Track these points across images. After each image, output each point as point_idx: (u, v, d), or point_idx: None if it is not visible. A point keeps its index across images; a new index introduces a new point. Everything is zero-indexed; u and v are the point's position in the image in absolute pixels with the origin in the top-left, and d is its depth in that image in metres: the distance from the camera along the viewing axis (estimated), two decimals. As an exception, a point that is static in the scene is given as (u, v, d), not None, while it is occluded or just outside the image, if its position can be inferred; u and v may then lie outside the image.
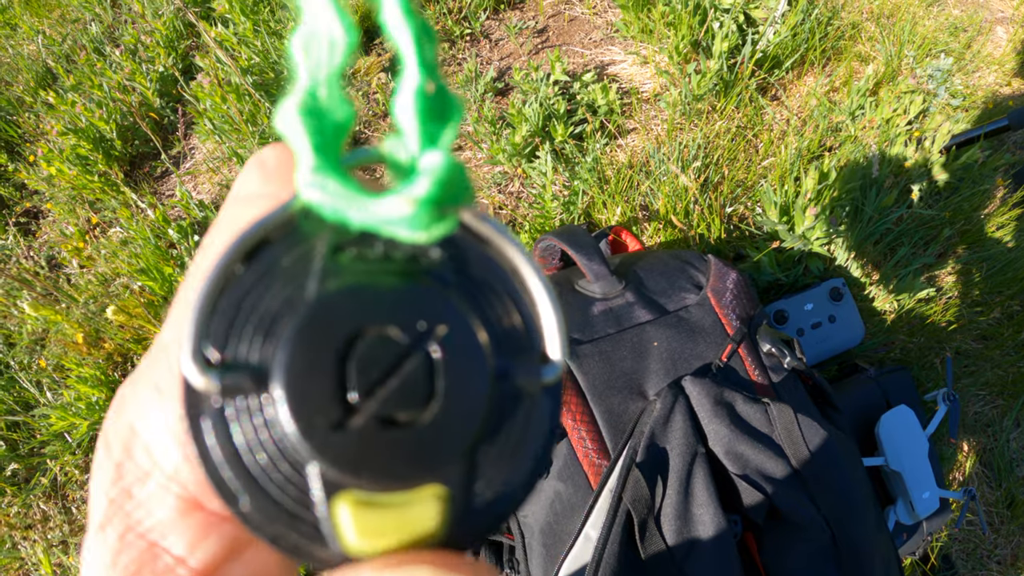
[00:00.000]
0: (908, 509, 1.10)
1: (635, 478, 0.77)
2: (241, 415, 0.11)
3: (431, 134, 0.11)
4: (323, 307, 0.11)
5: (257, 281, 0.11)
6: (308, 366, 0.10)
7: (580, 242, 0.96)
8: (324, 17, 0.11)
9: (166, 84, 1.77)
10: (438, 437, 0.11)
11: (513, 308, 0.12)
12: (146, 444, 0.14)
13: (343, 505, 0.11)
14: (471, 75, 1.55)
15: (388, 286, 0.11)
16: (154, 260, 1.44)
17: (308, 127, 0.11)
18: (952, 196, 1.41)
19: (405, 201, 0.11)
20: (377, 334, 0.11)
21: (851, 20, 1.60)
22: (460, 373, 0.11)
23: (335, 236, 0.11)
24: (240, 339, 0.11)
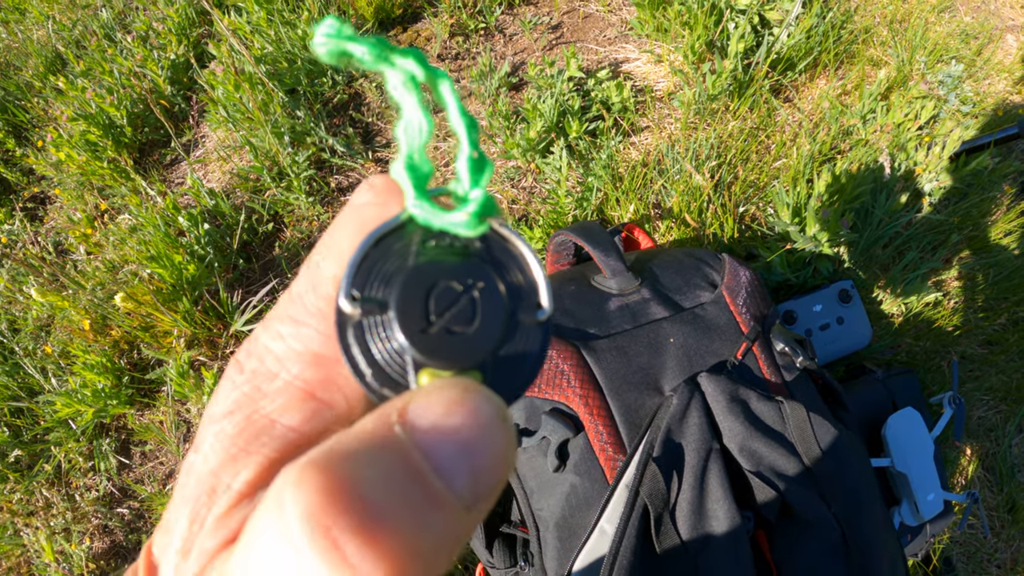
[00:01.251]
0: (912, 510, 1.11)
1: (652, 472, 0.78)
2: (370, 327, 0.19)
3: (475, 179, 0.20)
4: (418, 270, 0.19)
5: (381, 256, 0.19)
6: (409, 300, 0.19)
7: (597, 238, 0.97)
8: (415, 113, 0.19)
9: (177, 71, 1.77)
10: (477, 342, 0.19)
11: (520, 275, 0.20)
12: (277, 356, 0.20)
13: (424, 376, 0.18)
14: (485, 69, 1.55)
15: (452, 261, 0.19)
16: (163, 248, 1.43)
17: (410, 175, 0.19)
18: (961, 202, 1.42)
19: (463, 215, 0.19)
20: (446, 285, 0.19)
21: (864, 24, 1.61)
22: (489, 309, 0.19)
23: (424, 233, 0.20)
24: (372, 286, 0.19)
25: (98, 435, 1.49)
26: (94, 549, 1.41)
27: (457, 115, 0.19)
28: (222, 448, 0.19)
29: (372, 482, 0.15)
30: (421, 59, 0.19)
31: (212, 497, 0.19)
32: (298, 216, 1.57)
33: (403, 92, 0.19)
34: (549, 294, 0.20)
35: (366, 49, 0.18)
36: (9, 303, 1.62)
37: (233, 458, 0.19)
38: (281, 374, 0.20)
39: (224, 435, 0.19)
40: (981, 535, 1.33)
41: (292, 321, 0.20)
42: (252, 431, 0.19)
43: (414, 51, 0.19)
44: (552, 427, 0.81)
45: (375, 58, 0.19)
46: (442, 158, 1.58)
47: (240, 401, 0.20)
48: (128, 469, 1.47)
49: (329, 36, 0.18)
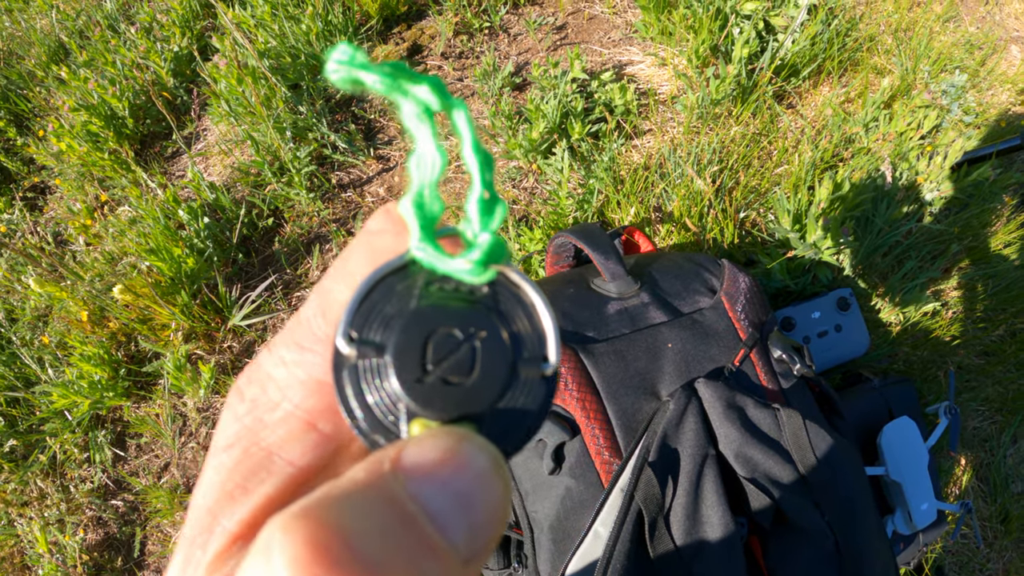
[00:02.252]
0: (906, 519, 1.11)
1: (647, 477, 0.78)
2: (366, 370, 0.18)
3: (485, 222, 0.19)
4: (418, 314, 0.18)
5: (383, 297, 0.19)
6: (407, 346, 0.18)
7: (597, 241, 0.97)
8: (429, 147, 0.18)
9: (180, 64, 1.76)
10: (474, 395, 0.18)
11: (529, 325, 0.19)
12: (279, 384, 0.20)
13: (416, 426, 0.18)
14: (489, 68, 1.54)
15: (455, 306, 0.19)
16: (163, 240, 1.43)
17: (417, 214, 0.18)
18: (961, 212, 1.42)
19: (466, 262, 0.19)
20: (446, 332, 0.18)
21: (869, 32, 1.61)
22: (490, 360, 0.18)
23: (428, 276, 0.19)
24: (371, 327, 0.18)
25: (94, 427, 1.49)
26: (88, 540, 1.41)
27: (471, 150, 0.19)
28: (219, 484, 0.19)
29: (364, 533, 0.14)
30: (438, 87, 0.18)
31: (207, 537, 0.18)
32: (298, 212, 1.57)
33: (417, 124, 0.18)
34: (557, 347, 0.19)
35: (379, 78, 0.18)
36: (7, 293, 1.62)
37: (229, 495, 0.19)
38: (283, 404, 0.19)
39: (222, 470, 0.19)
40: (974, 545, 1.33)
41: (297, 347, 0.20)
42: (250, 466, 0.19)
43: (431, 79, 0.18)
44: (548, 430, 0.81)
45: (389, 87, 0.18)
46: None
47: (240, 433, 0.19)
48: (123, 461, 1.47)
49: (342, 63, 0.18)
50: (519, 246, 1.34)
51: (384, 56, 1.66)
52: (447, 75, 1.68)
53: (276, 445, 0.19)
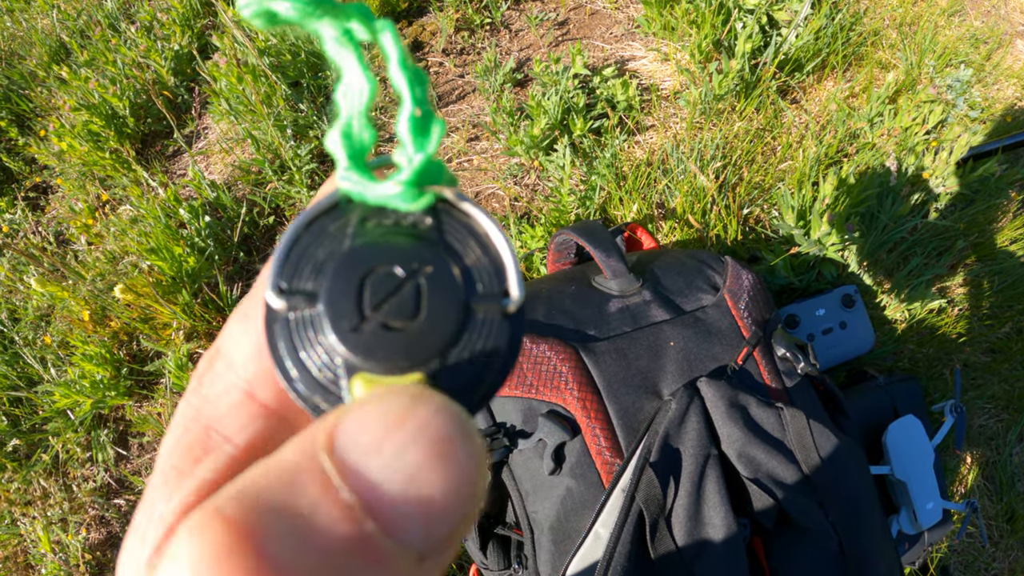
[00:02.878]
0: (911, 519, 1.10)
1: (648, 478, 0.77)
2: (299, 323, 0.16)
3: (419, 142, 0.17)
4: (352, 255, 0.16)
5: (313, 240, 0.17)
6: (340, 291, 0.16)
7: (598, 238, 0.96)
8: (356, 75, 0.17)
9: (181, 63, 1.76)
10: (421, 340, 0.16)
11: (483, 258, 0.17)
12: (226, 356, 0.18)
13: (357, 382, 0.16)
14: (490, 65, 1.53)
15: (394, 242, 0.16)
16: (164, 239, 1.43)
17: (344, 144, 0.17)
18: (967, 208, 1.41)
19: (395, 184, 0.17)
20: (385, 271, 0.16)
21: (873, 27, 1.59)
22: (438, 299, 0.16)
23: (362, 211, 0.17)
24: (302, 276, 0.16)
25: (96, 426, 1.49)
26: (90, 540, 1.41)
27: (398, 67, 0.17)
28: (161, 468, 0.17)
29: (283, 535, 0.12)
30: (363, 13, 0.17)
31: (147, 527, 0.16)
32: (300, 210, 1.57)
33: (340, 50, 0.17)
34: (519, 279, 0.17)
35: (291, 5, 0.16)
36: (10, 292, 1.62)
37: (167, 480, 0.17)
38: (227, 375, 0.18)
39: (165, 451, 0.17)
40: (979, 544, 1.32)
41: (242, 317, 0.18)
42: (187, 444, 0.17)
43: (357, 5, 0.17)
44: (549, 430, 0.80)
45: (302, 12, 0.16)
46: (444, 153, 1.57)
47: (185, 412, 0.18)
48: (126, 460, 1.47)
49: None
50: (521, 243, 1.33)
51: (384, 53, 1.66)
52: (448, 71, 1.67)
53: (215, 420, 0.17)
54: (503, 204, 1.48)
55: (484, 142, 1.56)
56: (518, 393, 0.83)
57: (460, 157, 1.55)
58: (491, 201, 1.50)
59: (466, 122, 1.58)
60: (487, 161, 1.53)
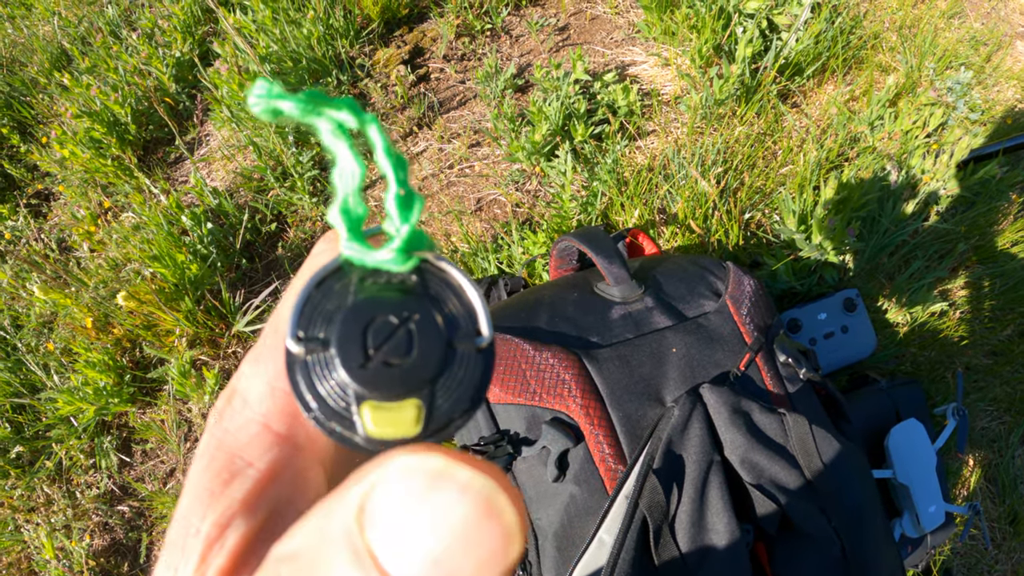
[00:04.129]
0: (914, 522, 1.10)
1: (652, 484, 0.77)
2: (314, 364, 0.20)
3: (404, 215, 0.20)
4: (356, 307, 0.20)
5: (323, 297, 0.20)
6: (348, 337, 0.19)
7: (600, 245, 0.96)
8: (347, 160, 0.20)
9: (182, 69, 1.76)
10: (415, 373, 0.19)
11: (459, 305, 0.21)
12: (242, 395, 0.21)
13: (365, 408, 0.19)
14: (491, 70, 1.54)
15: (389, 296, 0.20)
16: (166, 247, 1.43)
17: (344, 219, 0.20)
18: (968, 211, 1.41)
19: (389, 252, 0.20)
20: (383, 319, 0.20)
21: (873, 30, 1.59)
22: (426, 340, 0.20)
23: (361, 272, 0.21)
24: (315, 325, 0.20)
25: (99, 433, 1.49)
26: (94, 546, 1.42)
27: (383, 155, 0.20)
28: (193, 491, 0.20)
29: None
30: (353, 107, 0.20)
31: (185, 542, 0.19)
32: (302, 216, 1.57)
33: (334, 141, 0.20)
34: (488, 321, 0.21)
35: (294, 105, 0.19)
36: (12, 299, 1.62)
37: (200, 501, 0.20)
38: (244, 411, 0.21)
39: (195, 476, 0.20)
40: (982, 547, 1.32)
41: (254, 361, 0.22)
42: (216, 470, 0.20)
43: (346, 100, 0.20)
44: (552, 437, 0.81)
45: (304, 112, 0.19)
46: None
47: (210, 443, 0.21)
48: (129, 467, 1.47)
49: (260, 96, 0.19)
50: (523, 249, 1.34)
51: (386, 59, 1.66)
52: (449, 77, 1.67)
53: (238, 449, 0.21)
54: (505, 210, 1.48)
55: (485, 148, 1.56)
56: (522, 400, 0.83)
57: (462, 163, 1.56)
58: (493, 207, 1.50)
59: (467, 128, 1.59)
60: (489, 167, 1.53)
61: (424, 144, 1.60)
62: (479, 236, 1.45)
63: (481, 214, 1.49)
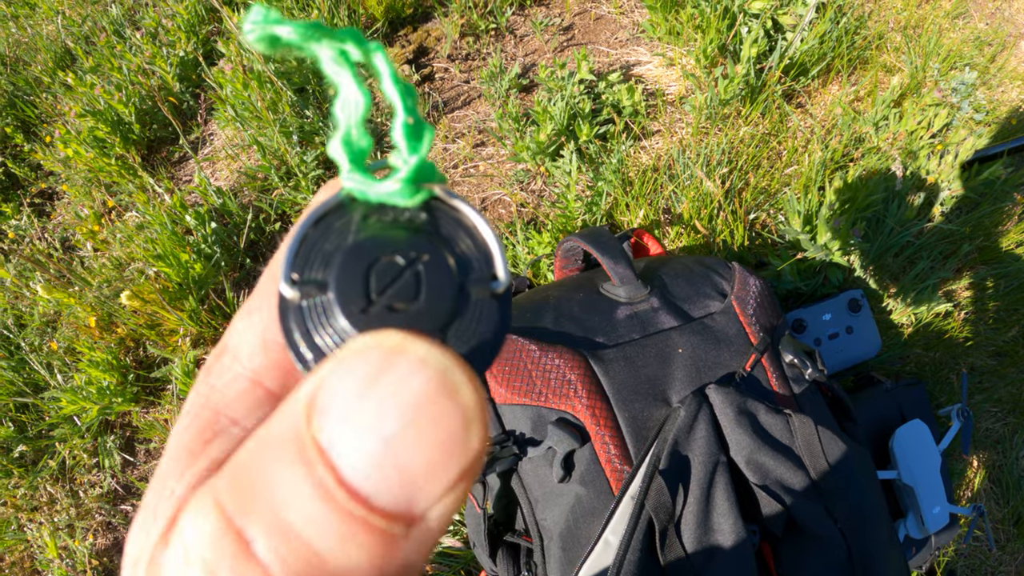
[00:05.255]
0: (918, 523, 1.10)
1: (658, 485, 0.77)
2: (311, 310, 0.18)
3: (413, 146, 0.19)
4: (357, 247, 0.18)
5: (321, 235, 0.19)
6: (349, 279, 0.18)
7: (606, 245, 0.96)
8: (352, 90, 0.18)
9: (186, 69, 1.76)
10: (422, 319, 0.17)
11: (473, 246, 0.19)
12: (233, 349, 0.19)
13: None
14: (496, 70, 1.54)
15: (395, 235, 0.18)
16: (170, 246, 1.43)
17: (345, 150, 0.19)
18: (973, 211, 1.41)
19: (395, 183, 0.19)
20: (388, 260, 0.18)
21: (878, 30, 1.59)
22: (436, 283, 0.18)
23: (365, 209, 0.19)
24: (312, 267, 0.18)
25: (103, 432, 1.49)
26: (97, 546, 1.42)
27: (391, 83, 0.19)
28: (172, 450, 0.18)
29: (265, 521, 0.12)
30: (356, 36, 0.19)
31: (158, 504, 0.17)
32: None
33: (336, 69, 0.19)
34: (504, 264, 0.19)
35: (293, 29, 0.18)
36: (16, 298, 1.63)
37: (178, 459, 0.18)
38: (234, 367, 0.19)
39: (176, 434, 0.19)
40: (986, 548, 1.32)
41: (247, 313, 0.20)
42: (198, 428, 0.18)
43: (350, 30, 0.19)
44: (558, 438, 0.81)
45: (303, 37, 0.18)
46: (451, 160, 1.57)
47: (195, 400, 0.19)
48: (132, 466, 1.47)
49: (256, 23, 0.17)
50: (528, 249, 1.34)
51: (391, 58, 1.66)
52: (454, 77, 1.67)
53: (223, 405, 0.19)
54: (510, 210, 1.48)
55: (490, 148, 1.56)
56: (527, 401, 0.83)
57: (466, 163, 1.55)
58: (498, 207, 1.50)
59: (472, 128, 1.58)
60: (493, 167, 1.53)
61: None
62: (483, 236, 1.44)
63: (486, 214, 1.49)
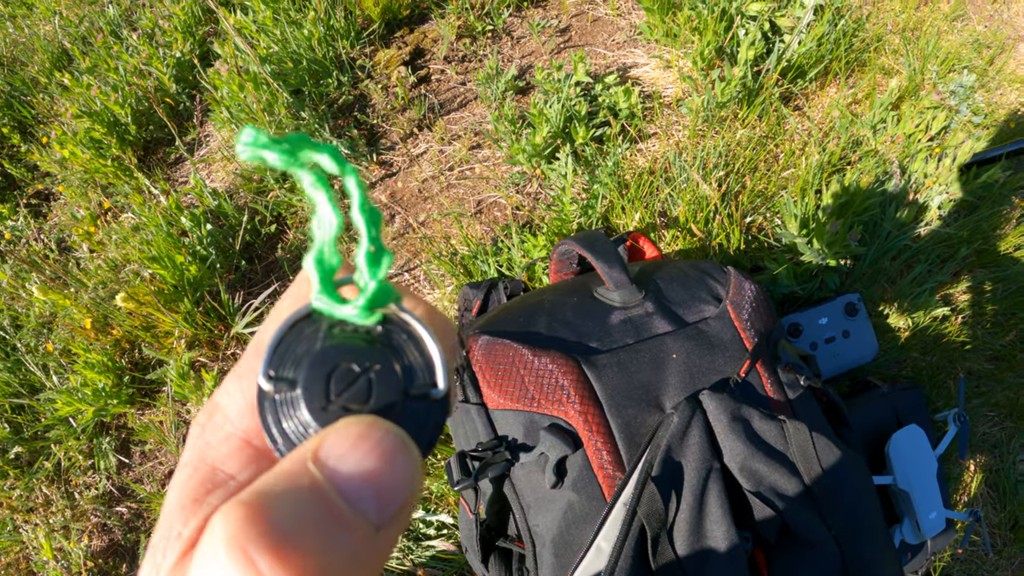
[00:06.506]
0: (914, 528, 1.10)
1: (650, 492, 0.77)
2: (282, 402, 0.21)
3: (372, 271, 0.22)
4: (323, 353, 0.21)
5: (294, 339, 0.22)
6: (313, 381, 0.21)
7: (600, 249, 0.96)
8: (326, 210, 0.21)
9: (183, 70, 1.76)
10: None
11: (419, 357, 0.22)
12: (223, 410, 0.23)
13: None
14: (492, 72, 1.53)
15: (354, 345, 0.22)
16: (166, 248, 1.43)
17: (317, 269, 0.22)
18: (971, 215, 1.41)
19: (354, 308, 0.22)
20: (346, 367, 0.21)
21: (876, 32, 1.59)
22: (384, 388, 0.21)
23: (330, 321, 0.22)
24: (285, 366, 0.21)
25: (98, 434, 1.49)
26: (92, 547, 1.41)
27: (358, 209, 0.21)
28: (176, 498, 0.22)
29: (284, 510, 0.17)
30: (335, 155, 0.21)
31: (167, 545, 0.21)
32: (301, 218, 1.57)
33: (315, 191, 0.21)
34: (445, 374, 0.22)
35: (278, 156, 0.20)
36: (11, 299, 1.62)
37: (183, 507, 0.21)
38: (225, 426, 0.23)
39: (178, 485, 0.22)
40: (983, 553, 1.32)
41: (236, 378, 0.23)
42: (199, 480, 0.22)
43: (329, 147, 0.21)
44: (551, 443, 0.80)
45: (287, 163, 0.20)
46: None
47: (192, 454, 0.23)
48: (128, 468, 1.47)
49: (247, 144, 0.20)
50: (523, 252, 1.33)
51: (387, 60, 1.65)
52: (450, 79, 1.67)
53: (219, 461, 0.22)
54: (505, 213, 1.48)
55: (486, 150, 1.56)
56: (520, 406, 0.83)
57: (462, 165, 1.55)
58: (493, 209, 1.50)
59: (468, 130, 1.58)
60: (489, 169, 1.53)
61: (424, 146, 1.60)
62: (479, 238, 1.44)
63: (481, 216, 1.49)
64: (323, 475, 0.19)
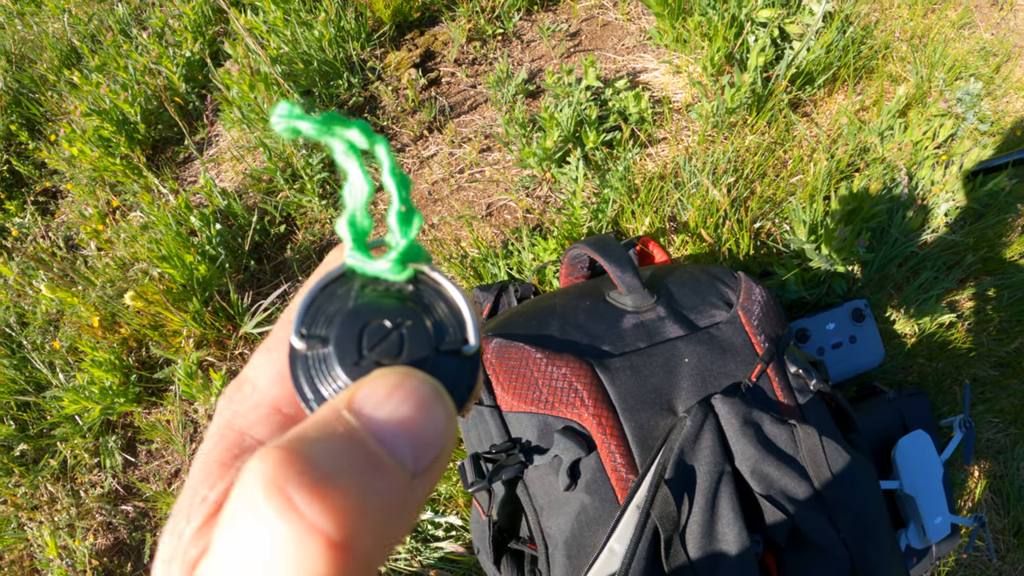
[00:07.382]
0: (919, 533, 1.10)
1: (663, 494, 0.77)
2: (314, 360, 0.22)
3: (404, 230, 0.22)
4: (354, 311, 0.22)
5: (327, 299, 0.22)
6: (346, 337, 0.21)
7: (612, 253, 0.96)
8: (357, 177, 0.22)
9: (192, 69, 1.76)
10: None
11: (449, 314, 0.23)
12: (252, 382, 0.23)
13: None
14: (502, 75, 1.54)
15: (385, 303, 0.22)
16: (175, 247, 1.43)
17: (350, 231, 0.22)
18: (977, 222, 1.41)
19: (387, 262, 0.22)
20: (378, 323, 0.22)
21: (884, 40, 1.60)
22: (415, 343, 0.22)
23: (363, 280, 0.23)
24: (317, 325, 0.22)
25: (104, 432, 1.49)
26: (97, 546, 1.42)
27: (388, 174, 0.22)
28: (202, 464, 0.22)
29: (322, 452, 0.17)
30: (365, 128, 0.22)
31: (191, 510, 0.21)
32: (311, 218, 1.57)
33: (346, 159, 0.22)
34: (475, 331, 0.23)
35: (312, 125, 0.21)
36: (19, 297, 1.62)
37: (210, 472, 0.21)
38: (254, 395, 0.23)
39: (204, 452, 0.22)
40: (987, 558, 1.32)
41: (265, 350, 0.24)
42: (226, 446, 0.22)
43: (359, 122, 0.22)
44: (564, 446, 0.81)
45: (320, 132, 0.21)
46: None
47: (220, 423, 0.23)
48: (134, 467, 1.47)
49: (282, 116, 0.21)
50: (533, 256, 1.34)
51: (397, 62, 1.66)
52: (460, 82, 1.67)
53: (247, 427, 0.22)
54: (515, 216, 1.48)
55: (496, 153, 1.56)
56: (534, 409, 0.83)
57: (472, 168, 1.56)
58: (503, 212, 1.50)
59: (478, 133, 1.59)
60: (499, 172, 1.53)
61: (435, 148, 1.60)
62: (489, 241, 1.45)
63: (491, 219, 1.49)
64: (359, 422, 0.19)
